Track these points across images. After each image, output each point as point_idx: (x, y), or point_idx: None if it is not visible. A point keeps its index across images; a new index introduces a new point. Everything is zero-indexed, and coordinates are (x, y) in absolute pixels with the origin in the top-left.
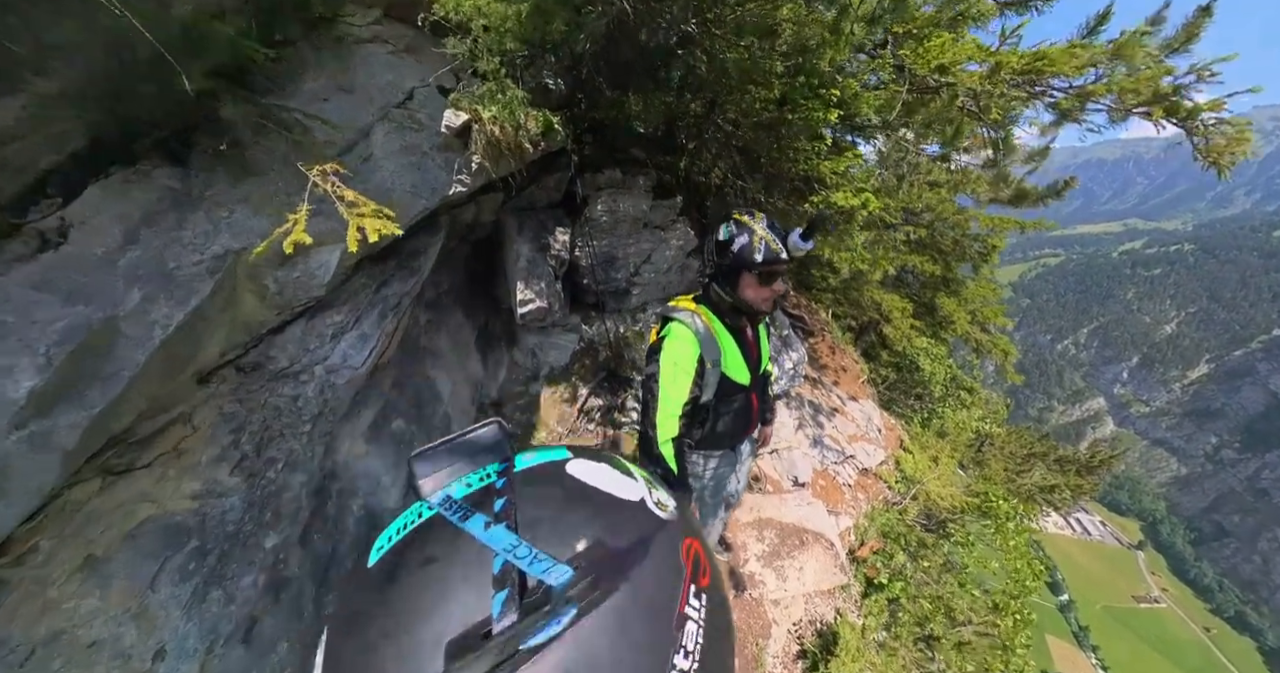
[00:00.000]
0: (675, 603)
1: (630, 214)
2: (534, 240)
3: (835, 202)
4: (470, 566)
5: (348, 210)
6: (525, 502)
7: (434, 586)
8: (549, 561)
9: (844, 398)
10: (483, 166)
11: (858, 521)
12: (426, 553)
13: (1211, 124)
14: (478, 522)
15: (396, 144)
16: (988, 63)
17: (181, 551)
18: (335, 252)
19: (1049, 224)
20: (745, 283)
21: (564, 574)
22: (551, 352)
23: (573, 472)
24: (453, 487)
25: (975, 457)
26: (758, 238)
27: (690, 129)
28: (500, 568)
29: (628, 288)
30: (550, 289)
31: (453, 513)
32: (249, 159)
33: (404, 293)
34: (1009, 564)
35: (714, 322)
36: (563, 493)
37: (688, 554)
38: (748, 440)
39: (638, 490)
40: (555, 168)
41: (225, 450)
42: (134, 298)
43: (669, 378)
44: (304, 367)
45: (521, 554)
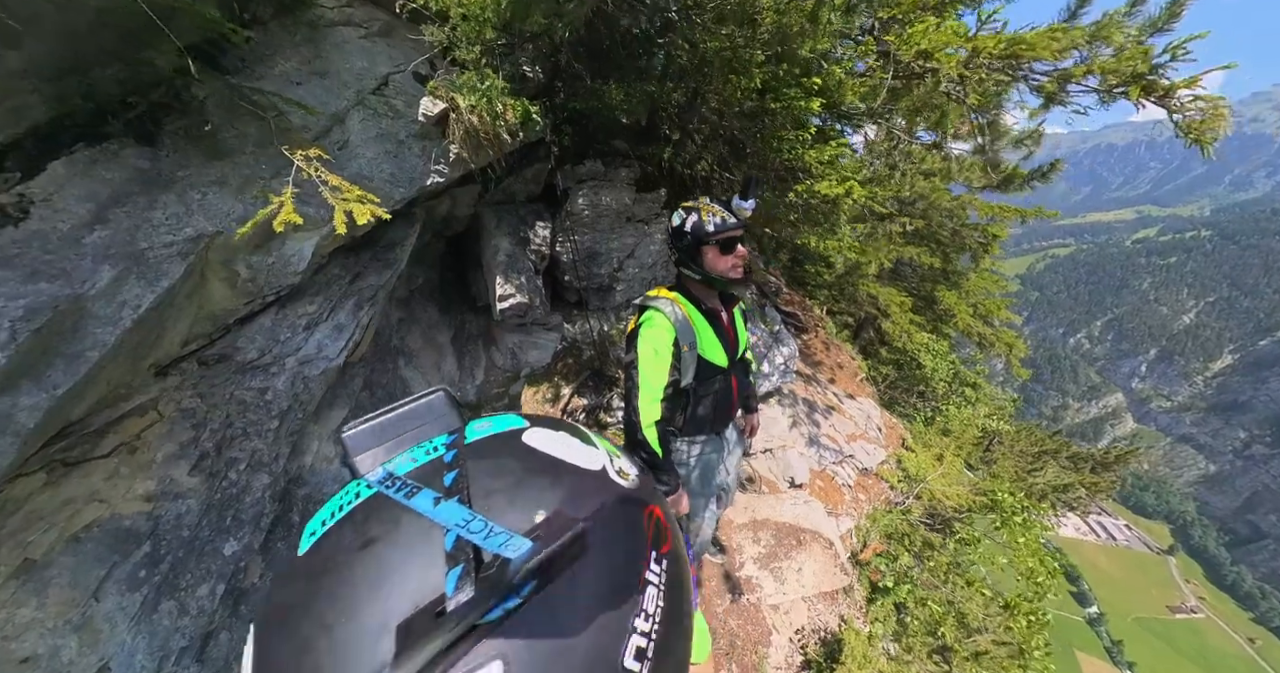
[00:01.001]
0: (637, 570)
1: (613, 207)
2: (513, 234)
3: (819, 191)
4: (418, 545)
5: (332, 195)
6: (478, 475)
7: (377, 568)
8: (506, 534)
9: (841, 396)
10: (461, 157)
11: (859, 522)
12: (367, 535)
13: (1188, 101)
14: (425, 498)
15: (373, 131)
16: (966, 48)
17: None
18: (312, 239)
19: (1050, 212)
20: (709, 256)
21: (522, 547)
22: (532, 351)
23: (529, 441)
24: (395, 462)
25: (983, 456)
26: (705, 212)
27: (673, 119)
28: (453, 544)
29: (611, 284)
30: (530, 284)
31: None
32: (222, 141)
33: (379, 285)
34: (1019, 562)
35: (689, 307)
36: (519, 464)
37: (649, 522)
38: (734, 429)
39: (598, 459)
40: (534, 159)
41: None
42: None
43: (647, 363)
44: (275, 358)
45: (476, 529)
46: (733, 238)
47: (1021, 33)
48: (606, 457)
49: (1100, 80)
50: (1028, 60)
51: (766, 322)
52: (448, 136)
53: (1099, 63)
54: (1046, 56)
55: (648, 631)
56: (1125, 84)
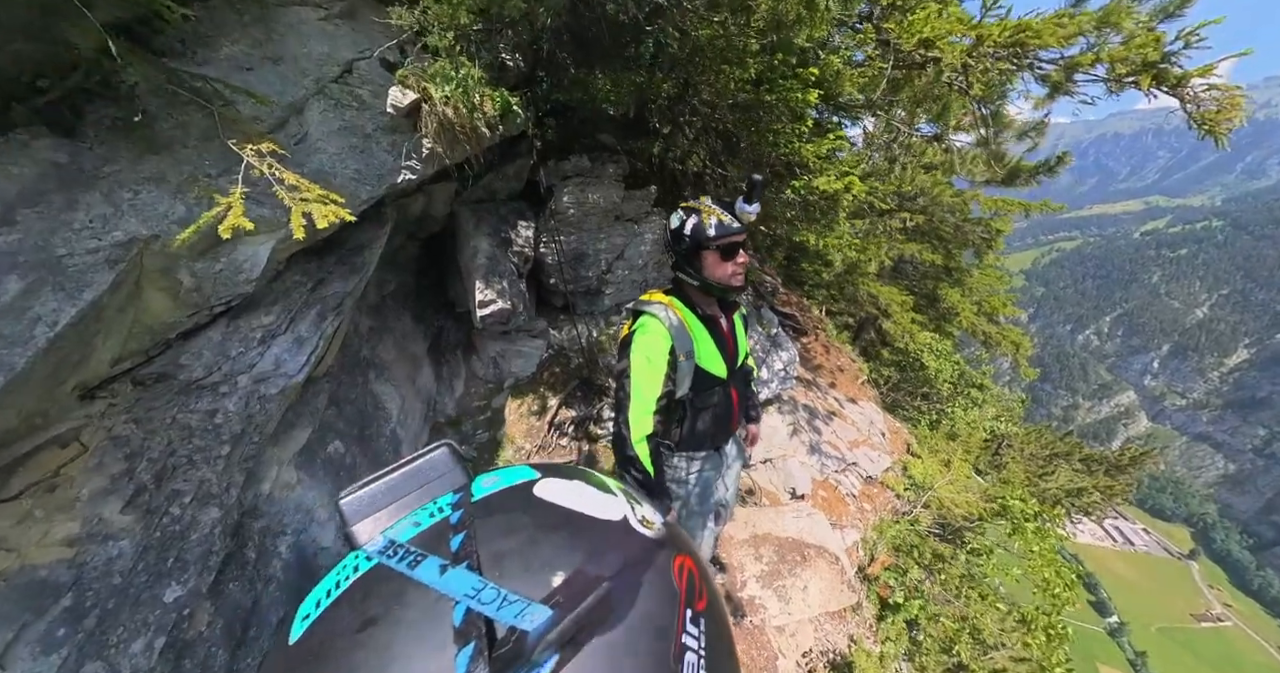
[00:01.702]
0: (671, 633)
1: (600, 206)
2: (494, 235)
3: (817, 186)
4: (423, 622)
5: (289, 195)
6: (488, 535)
7: (379, 653)
8: (521, 602)
9: (842, 401)
10: (435, 152)
11: (865, 534)
12: (367, 615)
13: (1202, 90)
14: (431, 567)
15: (335, 123)
16: (970, 36)
17: (47, 613)
18: (267, 243)
19: (1056, 206)
20: (708, 262)
21: (540, 616)
22: (516, 360)
23: (541, 494)
24: (397, 528)
25: (992, 460)
26: (706, 215)
27: (663, 112)
28: (463, 619)
29: (600, 287)
30: (513, 289)
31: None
32: (159, 133)
33: (345, 292)
34: (1035, 573)
35: (686, 314)
36: (532, 520)
37: (680, 575)
38: (733, 442)
39: (618, 508)
40: (515, 155)
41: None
42: (10, 289)
43: (640, 373)
44: (225, 376)
45: (487, 598)
46: (734, 243)
47: (1027, 19)
48: (627, 504)
49: (1109, 69)
50: (1033, 48)
51: (764, 324)
52: (420, 130)
53: (1108, 51)
54: (1053, 44)
55: None
56: (1135, 73)
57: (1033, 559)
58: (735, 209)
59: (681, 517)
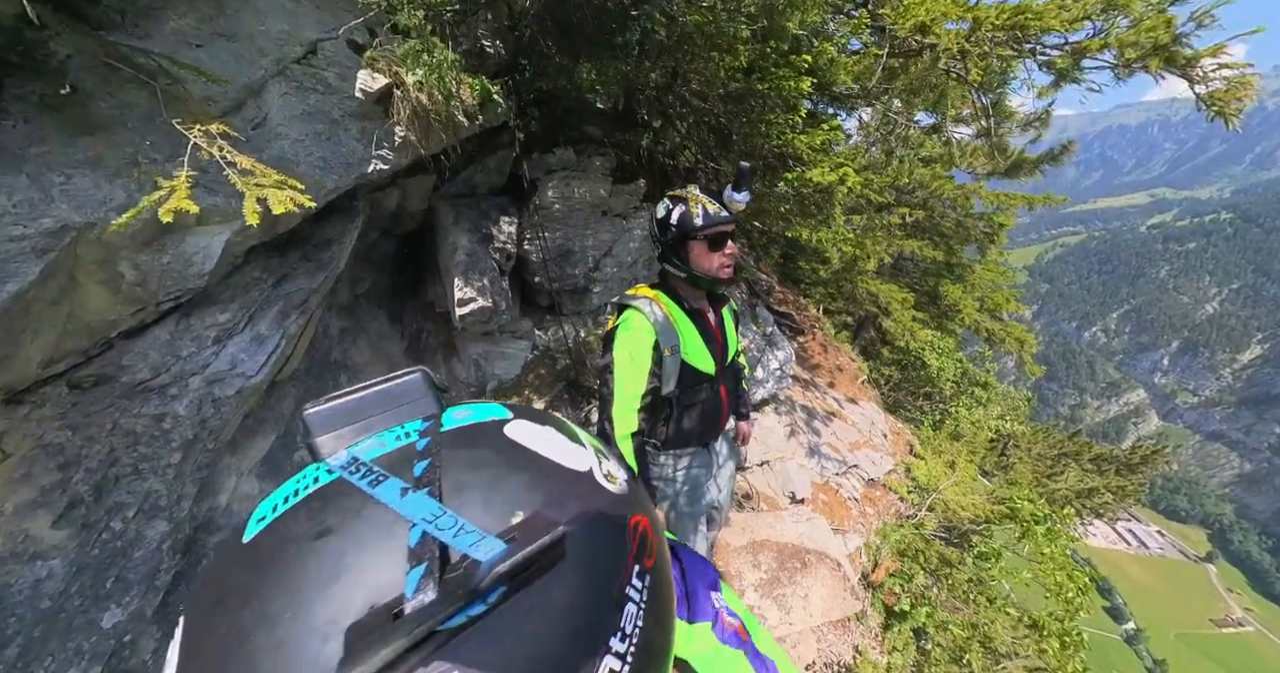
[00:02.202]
0: (617, 583)
1: (587, 200)
2: (474, 231)
3: (811, 178)
4: (379, 539)
5: (243, 180)
6: (452, 466)
7: (332, 561)
8: (478, 533)
9: (842, 401)
10: (408, 141)
11: (868, 539)
12: (323, 524)
13: (1212, 70)
14: (392, 488)
15: (298, 108)
16: (967, 19)
17: None
18: (221, 234)
19: (1059, 198)
20: (695, 252)
21: (494, 549)
22: (499, 362)
23: (512, 434)
24: (361, 446)
25: (998, 461)
26: (693, 203)
27: (652, 103)
28: (418, 541)
29: (587, 285)
30: (495, 286)
31: (360, 477)
32: (95, 112)
33: (311, 289)
34: (1046, 577)
35: (672, 308)
36: (498, 458)
37: (635, 532)
38: (724, 441)
39: (585, 460)
40: (497, 147)
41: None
42: None
43: (623, 368)
44: (175, 377)
45: (444, 525)
46: (723, 233)
47: (1028, 2)
48: (595, 458)
49: (1117, 54)
50: (1035, 32)
51: (758, 323)
52: (392, 117)
53: (1116, 35)
54: (1056, 28)
55: (623, 653)
56: (1145, 57)
57: (1043, 563)
58: (724, 197)
59: (671, 519)
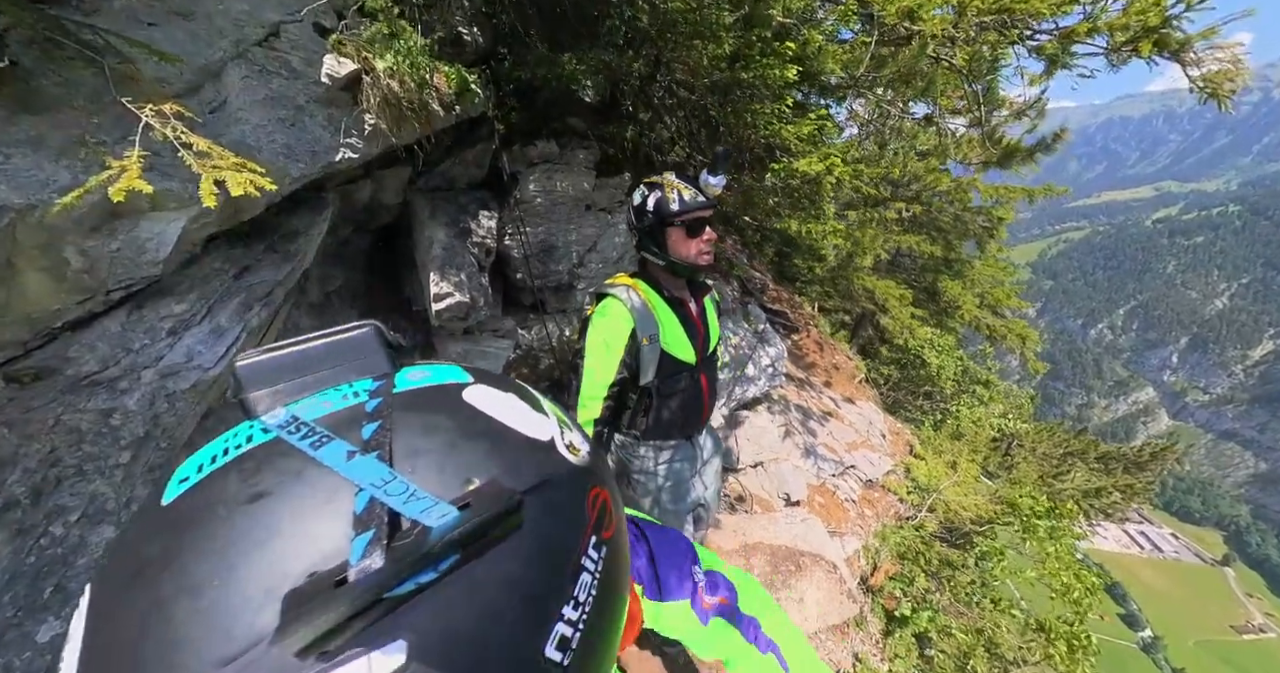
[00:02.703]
0: (573, 553)
1: (570, 194)
2: (452, 225)
3: (798, 169)
4: (321, 504)
5: (199, 162)
6: (405, 430)
7: (267, 524)
8: (430, 499)
9: (838, 400)
10: (379, 130)
11: (866, 541)
12: (257, 487)
13: (1204, 52)
14: (337, 450)
15: (260, 92)
16: (952, 4)
17: None
18: (177, 220)
19: (1060, 189)
20: (673, 239)
21: (447, 515)
22: (480, 361)
23: (471, 399)
24: (303, 405)
25: (1002, 461)
26: (669, 189)
27: (636, 94)
28: (364, 507)
29: (571, 282)
30: (473, 282)
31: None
32: (38, 90)
33: (275, 281)
34: (1052, 578)
35: (651, 295)
36: (455, 423)
37: (594, 504)
38: (708, 435)
39: (547, 429)
40: (475, 139)
41: None
42: None
43: (595, 355)
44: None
45: (394, 491)
46: (700, 219)
47: None
48: (557, 427)
49: (1109, 39)
50: (1022, 16)
51: (750, 320)
52: (361, 104)
53: (1105, 19)
54: (1045, 12)
55: (575, 620)
56: (1135, 40)
57: (1048, 563)
58: (700, 182)
59: (653, 515)
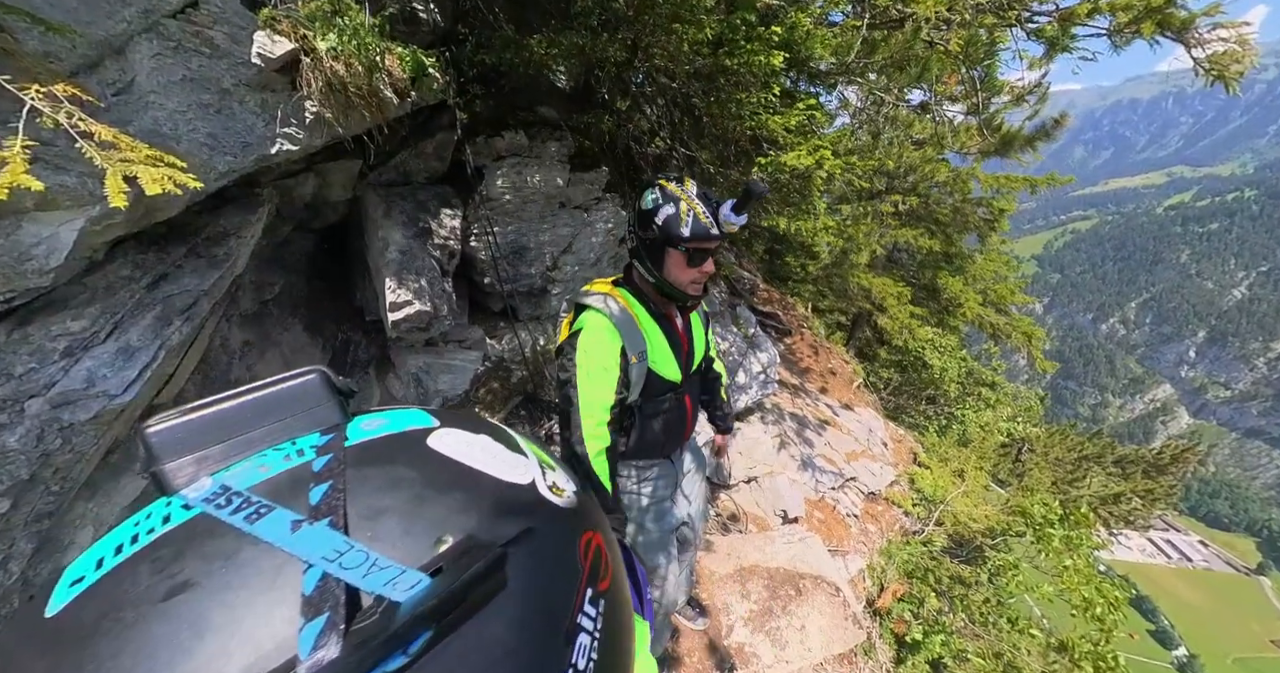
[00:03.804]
0: (567, 611)
1: (542, 190)
2: (410, 224)
3: (786, 163)
4: (261, 588)
5: (103, 154)
6: (362, 489)
7: (190, 624)
8: (395, 568)
9: (836, 407)
10: (324, 118)
11: (871, 560)
12: (177, 578)
13: (1208, 31)
14: (279, 522)
15: (176, 72)
16: None
17: None
18: (73, 222)
19: (1064, 179)
20: (671, 261)
21: (416, 585)
22: (444, 376)
23: (437, 445)
24: (235, 471)
25: (1012, 467)
26: (685, 208)
27: (613, 80)
28: (316, 586)
29: (545, 286)
30: (435, 288)
31: (232, 511)
32: None
33: (200, 292)
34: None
35: (635, 307)
36: (420, 475)
37: (586, 551)
38: (689, 450)
39: (527, 470)
40: (435, 129)
41: None
42: None
43: (588, 379)
44: (7, 400)
45: (351, 562)
46: (706, 250)
47: None
48: (538, 467)
49: (1111, 20)
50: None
51: (740, 324)
52: (300, 90)
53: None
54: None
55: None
56: (1138, 20)
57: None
58: (719, 213)
59: (638, 541)
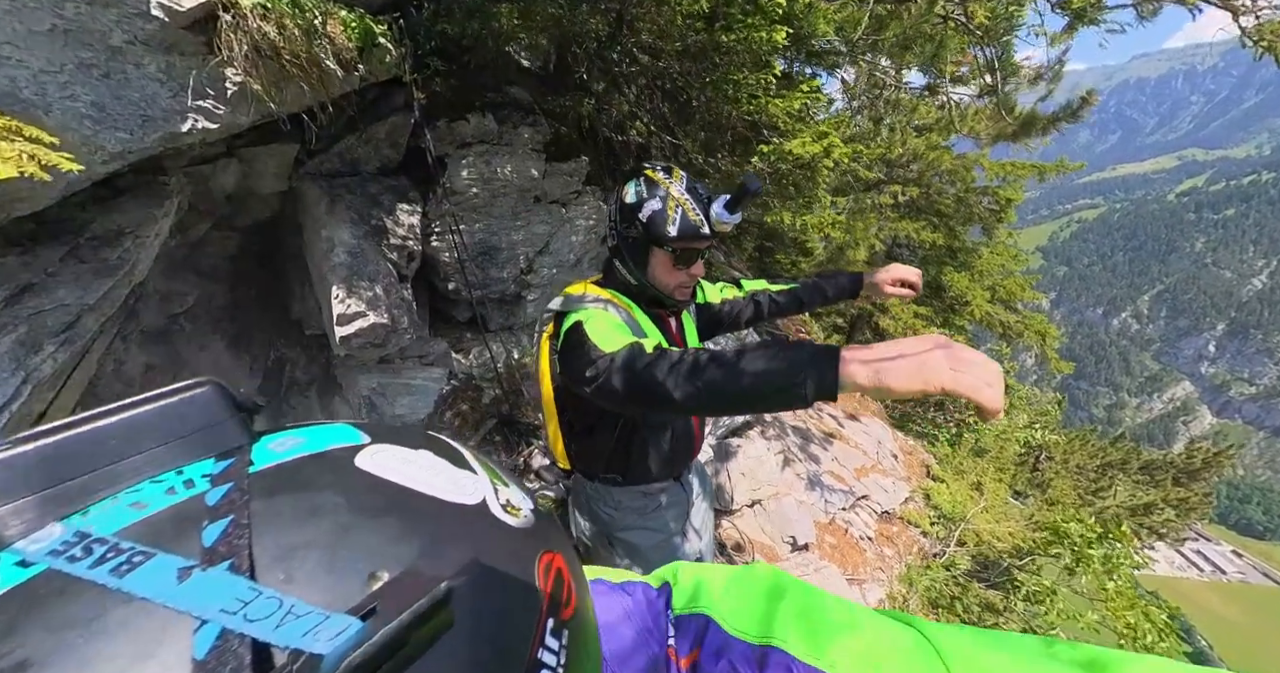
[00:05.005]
0: (526, 647)
1: (514, 183)
2: (359, 222)
3: (790, 151)
4: (138, 658)
5: None
6: (271, 523)
7: None
8: (316, 614)
9: (840, 418)
10: (249, 91)
11: (890, 588)
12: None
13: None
14: (160, 571)
15: (44, 21)
16: None
17: None
18: None
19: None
20: (656, 261)
21: (343, 632)
22: (403, 398)
23: (367, 465)
24: (95, 513)
25: (1032, 478)
26: (673, 204)
27: (593, 58)
28: (213, 647)
29: (518, 292)
30: (392, 296)
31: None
32: None
33: (84, 306)
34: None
35: (634, 308)
36: (347, 500)
37: (546, 576)
38: (695, 474)
39: (476, 489)
40: (388, 110)
41: None
42: None
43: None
44: None
45: (259, 613)
46: (695, 250)
47: None
48: (489, 485)
49: None
50: None
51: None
52: (220, 53)
53: None
54: None
55: None
56: None
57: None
58: (711, 211)
59: None
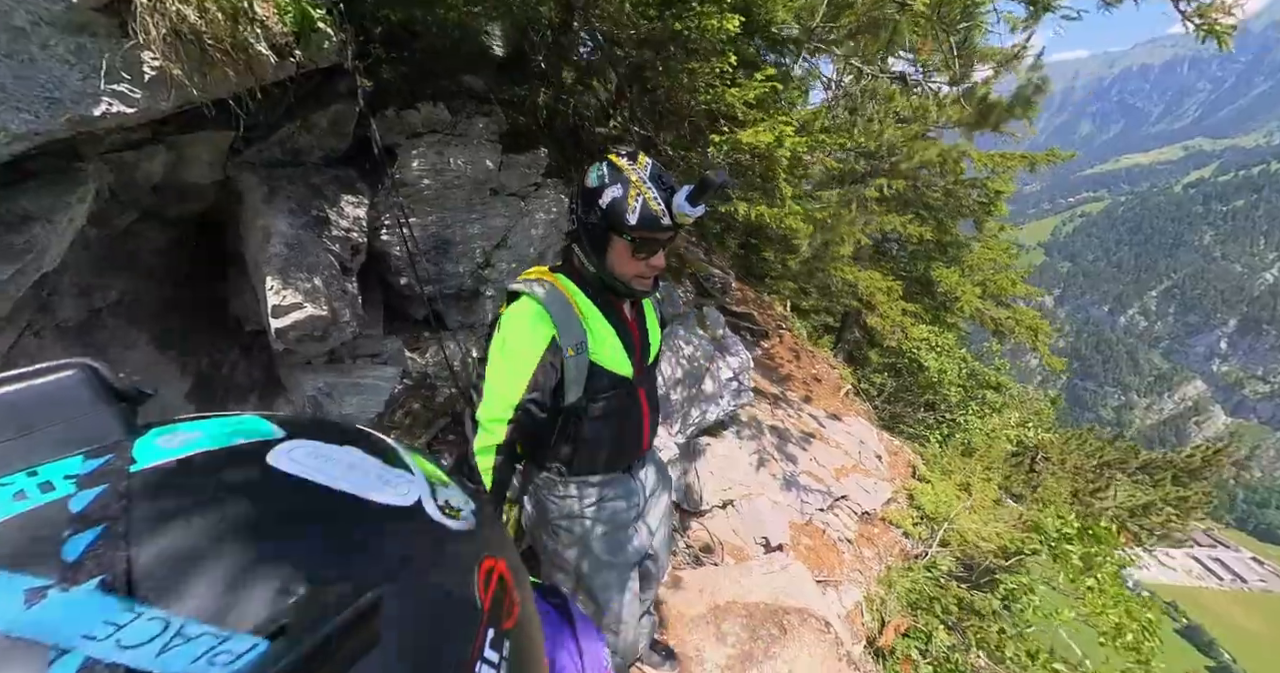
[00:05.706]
0: (464, 660)
1: (468, 174)
2: (299, 212)
3: (742, 141)
4: None
5: None
6: (161, 530)
7: None
8: (210, 635)
9: (821, 418)
10: (169, 76)
11: (868, 590)
12: None
13: None
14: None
15: None
16: None
17: None
18: None
19: (1066, 154)
20: (615, 250)
21: (246, 654)
22: (351, 397)
23: (281, 464)
24: None
25: (1025, 478)
26: (634, 192)
27: (549, 46)
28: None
29: (475, 287)
30: (334, 288)
31: None
32: None
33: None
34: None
35: (576, 294)
36: (255, 504)
37: (487, 583)
38: (653, 466)
39: (410, 489)
40: (330, 97)
41: None
42: None
43: (503, 361)
44: None
45: (135, 638)
46: (656, 240)
47: None
48: (425, 484)
49: None
50: None
51: (706, 326)
52: (135, 37)
53: None
54: None
55: None
56: None
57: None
58: (673, 201)
59: (586, 574)
